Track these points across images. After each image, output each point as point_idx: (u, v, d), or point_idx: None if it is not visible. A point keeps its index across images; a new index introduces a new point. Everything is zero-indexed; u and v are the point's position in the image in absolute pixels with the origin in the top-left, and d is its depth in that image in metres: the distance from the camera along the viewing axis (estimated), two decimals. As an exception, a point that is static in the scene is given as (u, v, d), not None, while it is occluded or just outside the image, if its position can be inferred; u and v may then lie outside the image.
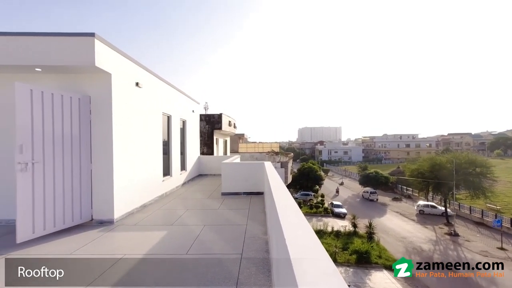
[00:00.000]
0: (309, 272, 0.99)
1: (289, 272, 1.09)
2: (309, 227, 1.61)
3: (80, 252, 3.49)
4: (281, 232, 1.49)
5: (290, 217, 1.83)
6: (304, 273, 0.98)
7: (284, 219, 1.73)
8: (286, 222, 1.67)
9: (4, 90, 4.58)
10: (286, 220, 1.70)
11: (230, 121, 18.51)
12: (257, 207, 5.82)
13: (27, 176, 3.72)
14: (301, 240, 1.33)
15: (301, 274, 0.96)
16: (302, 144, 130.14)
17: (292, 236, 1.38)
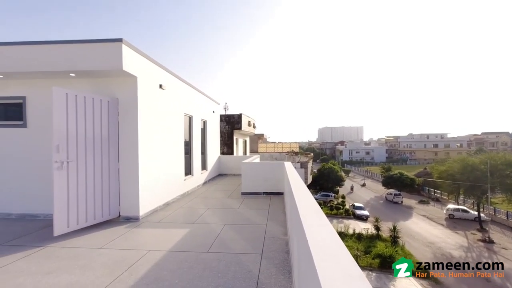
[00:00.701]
0: (334, 275, 0.97)
1: (312, 275, 1.08)
2: (332, 229, 1.58)
3: (109, 246, 3.68)
4: (303, 233, 1.48)
5: (312, 218, 1.80)
6: (328, 276, 0.96)
7: (306, 220, 1.71)
8: (308, 223, 1.65)
9: (44, 95, 4.96)
10: (308, 222, 1.68)
11: (249, 121, 18.62)
12: (277, 207, 5.81)
13: (63, 174, 4.00)
14: (324, 242, 1.31)
15: (325, 278, 0.94)
16: (322, 144, 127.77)
17: (314, 238, 1.37)
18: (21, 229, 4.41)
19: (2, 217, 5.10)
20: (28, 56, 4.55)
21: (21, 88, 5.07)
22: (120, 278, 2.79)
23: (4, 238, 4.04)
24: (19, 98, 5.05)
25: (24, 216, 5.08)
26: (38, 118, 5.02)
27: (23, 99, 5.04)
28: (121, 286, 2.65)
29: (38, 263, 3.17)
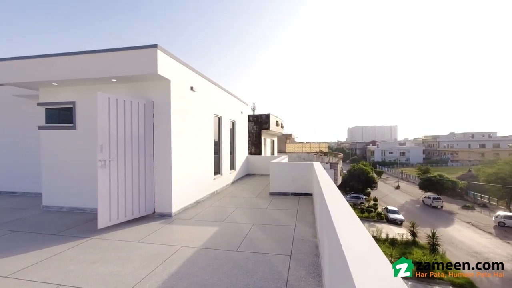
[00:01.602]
0: (372, 283, 0.93)
1: (347, 280, 1.05)
2: (366, 233, 1.52)
3: (145, 240, 3.92)
4: (336, 236, 1.43)
5: (344, 221, 1.75)
6: (365, 283, 0.92)
7: (338, 223, 1.66)
8: (341, 226, 1.59)
9: (90, 99, 5.43)
10: (340, 224, 1.63)
11: (277, 121, 18.55)
12: (305, 209, 5.71)
13: (105, 172, 4.34)
14: (360, 247, 1.26)
15: (362, 284, 0.91)
16: (352, 144, 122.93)
17: (348, 242, 1.32)
18: (71, 221, 4.88)
19: (56, 210, 5.70)
20: (77, 65, 5.01)
21: (71, 94, 5.61)
22: (155, 272, 2.95)
23: (58, 228, 4.51)
24: (70, 103, 5.59)
25: (73, 210, 5.62)
26: (85, 120, 5.51)
27: (73, 104, 5.57)
28: (156, 279, 2.80)
29: (85, 253, 3.48)
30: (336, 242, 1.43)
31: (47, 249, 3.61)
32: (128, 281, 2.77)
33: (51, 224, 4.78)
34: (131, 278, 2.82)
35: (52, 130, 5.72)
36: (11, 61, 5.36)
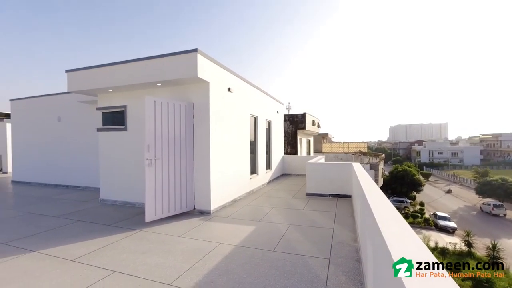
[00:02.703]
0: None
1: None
2: (419, 241, 1.40)
3: (187, 235, 4.13)
4: (384, 244, 1.35)
5: (392, 227, 1.63)
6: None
7: (384, 228, 1.56)
8: (389, 232, 1.49)
9: (138, 103, 5.92)
10: (388, 230, 1.52)
11: (313, 120, 18.12)
12: (344, 211, 5.49)
13: (152, 170, 4.69)
14: (412, 256, 1.16)
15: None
16: (394, 143, 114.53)
17: (399, 250, 1.23)
18: (123, 214, 5.38)
19: (111, 203, 6.35)
20: (128, 72, 5.50)
21: (123, 99, 6.17)
22: (196, 266, 3.09)
23: (112, 220, 5.01)
24: (122, 107, 6.16)
25: (125, 204, 6.19)
26: (134, 122, 6.02)
27: (125, 108, 6.13)
28: (197, 273, 2.93)
29: (135, 244, 3.80)
30: (383, 250, 1.34)
31: (104, 238, 4.02)
32: (171, 273, 2.95)
33: (107, 215, 5.32)
34: (174, 270, 3.00)
35: (107, 132, 6.37)
36: (77, 71, 6.11)
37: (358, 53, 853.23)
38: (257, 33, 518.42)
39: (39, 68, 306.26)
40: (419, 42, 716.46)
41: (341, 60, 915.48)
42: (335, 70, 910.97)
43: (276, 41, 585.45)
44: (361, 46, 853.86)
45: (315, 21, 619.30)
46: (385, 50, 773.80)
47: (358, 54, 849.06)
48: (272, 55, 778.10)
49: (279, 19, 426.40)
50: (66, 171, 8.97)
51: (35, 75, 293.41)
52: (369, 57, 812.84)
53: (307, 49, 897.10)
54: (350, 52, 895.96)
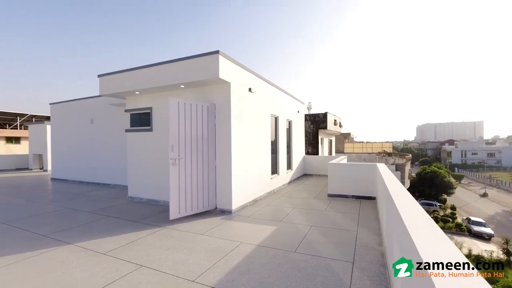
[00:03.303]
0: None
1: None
2: (453, 246, 1.32)
3: (209, 233, 4.22)
4: (414, 248, 1.28)
5: (422, 231, 1.55)
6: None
7: (415, 232, 1.48)
8: (419, 236, 1.42)
9: (162, 104, 6.15)
10: (418, 234, 1.45)
11: (335, 120, 17.69)
12: (368, 213, 5.31)
13: (175, 169, 4.85)
14: (445, 261, 1.10)
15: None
16: (422, 143, 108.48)
17: (430, 256, 1.17)
18: (149, 211, 5.62)
19: (138, 200, 6.66)
20: (154, 75, 5.73)
21: (149, 101, 6.45)
22: (218, 264, 3.15)
23: (139, 216, 5.25)
24: (148, 108, 6.43)
25: (150, 201, 6.46)
26: (158, 123, 6.26)
27: (150, 109, 6.39)
28: (219, 271, 2.99)
29: (160, 240, 3.95)
30: (413, 255, 1.28)
31: (131, 234, 4.23)
32: (195, 269, 3.03)
33: (134, 212, 5.59)
34: (197, 267, 3.08)
35: (134, 132, 6.69)
36: (107, 76, 6.48)
37: (383, 49, 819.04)
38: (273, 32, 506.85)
39: (80, 71, 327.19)
40: (449, 35, 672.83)
41: (364, 57, 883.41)
42: (358, 68, 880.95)
43: (294, 39, 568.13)
44: (386, 42, 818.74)
45: (336, 17, 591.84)
46: (412, 44, 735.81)
47: (383, 50, 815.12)
48: (291, 55, 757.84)
49: (298, 17, 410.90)
50: (98, 170, 9.55)
51: (75, 78, 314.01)
52: (396, 52, 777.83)
53: (328, 48, 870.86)
54: (374, 49, 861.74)
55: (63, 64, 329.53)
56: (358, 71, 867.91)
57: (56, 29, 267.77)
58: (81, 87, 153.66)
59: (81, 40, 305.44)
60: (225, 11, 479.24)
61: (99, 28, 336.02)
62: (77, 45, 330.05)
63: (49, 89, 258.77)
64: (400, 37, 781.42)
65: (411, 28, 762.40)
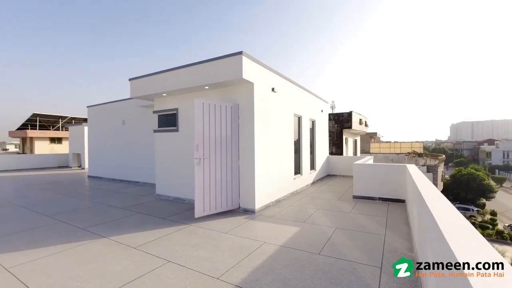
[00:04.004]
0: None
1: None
2: (497, 254, 1.22)
3: (232, 232, 4.28)
4: (453, 257, 1.21)
5: (461, 237, 1.44)
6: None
7: (452, 238, 1.39)
8: (458, 243, 1.32)
9: (188, 105, 6.35)
10: (456, 241, 1.35)
11: (360, 119, 17.08)
12: (397, 217, 5.06)
13: (200, 168, 4.98)
14: (495, 278, 1.01)
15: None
16: (456, 143, 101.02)
17: (474, 266, 1.09)
18: (175, 209, 5.83)
19: (165, 198, 6.94)
20: (180, 77, 5.94)
21: (175, 102, 6.69)
22: (241, 263, 3.18)
23: (166, 213, 5.47)
24: (174, 109, 6.68)
25: (176, 199, 6.70)
26: (184, 123, 6.48)
27: (176, 110, 6.64)
28: (243, 269, 3.02)
29: (185, 237, 4.08)
30: (452, 263, 1.20)
31: (159, 230, 4.42)
32: (219, 267, 3.09)
33: (161, 209, 5.83)
34: (221, 265, 3.14)
35: (162, 133, 6.98)
36: (137, 79, 6.83)
37: (411, 44, 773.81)
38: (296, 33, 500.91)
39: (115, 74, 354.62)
40: (489, 26, 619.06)
41: (393, 52, 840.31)
42: (384, 65, 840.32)
43: (319, 37, 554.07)
44: (414, 36, 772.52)
45: (361, 14, 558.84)
46: (445, 38, 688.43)
47: (411, 44, 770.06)
48: (313, 54, 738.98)
49: (323, 12, 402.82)
50: (128, 168, 10.11)
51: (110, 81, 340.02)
52: (426, 46, 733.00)
53: (352, 45, 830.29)
54: (401, 44, 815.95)
55: (102, 68, 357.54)
56: (386, 68, 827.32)
57: (97, 37, 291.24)
58: (121, 89, 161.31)
59: (115, 47, 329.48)
60: (249, 11, 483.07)
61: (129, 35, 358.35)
62: (112, 52, 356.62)
63: (92, 91, 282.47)
64: (430, 30, 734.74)
65: (445, 20, 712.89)
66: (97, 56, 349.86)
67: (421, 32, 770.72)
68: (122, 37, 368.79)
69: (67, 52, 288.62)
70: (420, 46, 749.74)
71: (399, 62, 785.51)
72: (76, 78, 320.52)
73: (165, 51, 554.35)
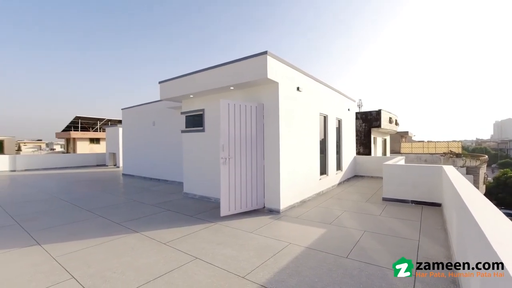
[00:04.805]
0: None
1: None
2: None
3: (258, 232, 4.30)
4: (507, 272, 1.10)
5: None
6: None
7: (502, 250, 1.27)
8: (509, 255, 1.20)
9: (214, 106, 6.50)
10: (508, 253, 1.23)
11: (390, 117, 16.23)
12: (432, 221, 4.74)
13: (226, 168, 5.07)
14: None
15: None
16: (501, 142, 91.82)
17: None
18: (201, 207, 6.00)
19: (191, 196, 7.18)
20: (206, 78, 6.10)
21: (201, 103, 6.89)
22: (267, 263, 3.18)
23: (193, 211, 5.65)
24: (200, 110, 6.88)
25: (203, 198, 6.90)
26: (210, 124, 6.64)
27: (203, 111, 6.83)
28: (268, 270, 3.01)
29: (212, 235, 4.18)
30: (503, 278, 1.09)
31: (187, 227, 4.57)
32: (245, 266, 3.11)
33: (188, 207, 6.03)
34: (247, 264, 3.16)
35: (189, 133, 7.22)
36: (167, 82, 7.14)
37: (447, 35, 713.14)
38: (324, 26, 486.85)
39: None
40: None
41: (425, 46, 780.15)
42: (418, 59, 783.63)
43: (346, 33, 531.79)
44: (450, 27, 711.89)
45: (388, 9, 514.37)
46: (487, 29, 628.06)
47: (447, 36, 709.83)
48: (336, 54, 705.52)
49: (350, 7, 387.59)
50: (158, 167, 10.60)
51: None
52: (463, 38, 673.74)
53: (383, 37, 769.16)
54: (436, 36, 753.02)
55: (137, 71, 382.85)
56: (420, 62, 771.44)
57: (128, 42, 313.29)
58: (153, 92, 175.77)
59: (149, 50, 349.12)
60: (275, 10, 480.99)
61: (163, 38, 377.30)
62: (146, 56, 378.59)
63: (129, 94, 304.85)
64: (473, 21, 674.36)
65: (492, 10, 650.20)
66: (132, 61, 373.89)
67: (460, 23, 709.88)
68: (157, 41, 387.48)
69: (110, 56, 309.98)
70: (458, 38, 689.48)
71: (435, 56, 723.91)
72: (115, 81, 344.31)
73: (191, 54, 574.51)
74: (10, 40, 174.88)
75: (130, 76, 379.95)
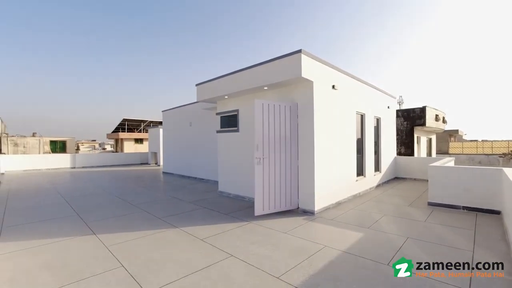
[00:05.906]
0: None
1: None
2: None
3: (291, 232, 4.27)
4: None
5: None
6: None
7: None
8: None
9: (247, 106, 6.60)
10: None
11: (437, 114, 14.83)
12: (489, 231, 4.23)
13: (260, 168, 5.12)
14: None
15: None
16: None
17: None
18: (236, 206, 6.14)
19: (226, 195, 7.38)
20: (240, 79, 6.22)
21: (236, 104, 7.04)
22: (302, 265, 3.13)
23: (228, 210, 5.81)
24: (235, 111, 7.05)
25: (237, 197, 7.05)
26: (244, 124, 6.76)
27: (237, 111, 6.98)
28: (303, 272, 2.96)
29: (246, 233, 4.25)
30: None
31: (222, 225, 4.72)
32: (279, 266, 3.11)
33: (223, 206, 6.22)
34: (281, 265, 3.15)
35: (224, 133, 7.44)
36: (203, 84, 7.46)
37: (503, 23, 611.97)
38: (363, 23, 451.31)
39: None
40: None
41: (477, 34, 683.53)
42: (470, 48, 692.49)
43: (388, 22, 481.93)
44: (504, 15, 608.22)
45: None
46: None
47: (503, 23, 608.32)
48: (375, 49, 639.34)
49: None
50: (195, 166, 11.12)
51: None
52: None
53: (427, 25, 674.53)
54: (488, 23, 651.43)
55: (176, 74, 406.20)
56: (471, 52, 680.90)
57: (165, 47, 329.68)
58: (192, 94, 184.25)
59: (186, 53, 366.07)
60: (309, 10, 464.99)
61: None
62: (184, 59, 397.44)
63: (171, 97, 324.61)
64: None
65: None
66: (178, 62, 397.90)
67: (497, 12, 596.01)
68: (199, 42, 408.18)
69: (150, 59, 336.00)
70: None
71: (490, 43, 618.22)
72: (158, 82, 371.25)
73: (229, 56, 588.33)
74: (88, 48, 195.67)
75: (169, 79, 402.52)
